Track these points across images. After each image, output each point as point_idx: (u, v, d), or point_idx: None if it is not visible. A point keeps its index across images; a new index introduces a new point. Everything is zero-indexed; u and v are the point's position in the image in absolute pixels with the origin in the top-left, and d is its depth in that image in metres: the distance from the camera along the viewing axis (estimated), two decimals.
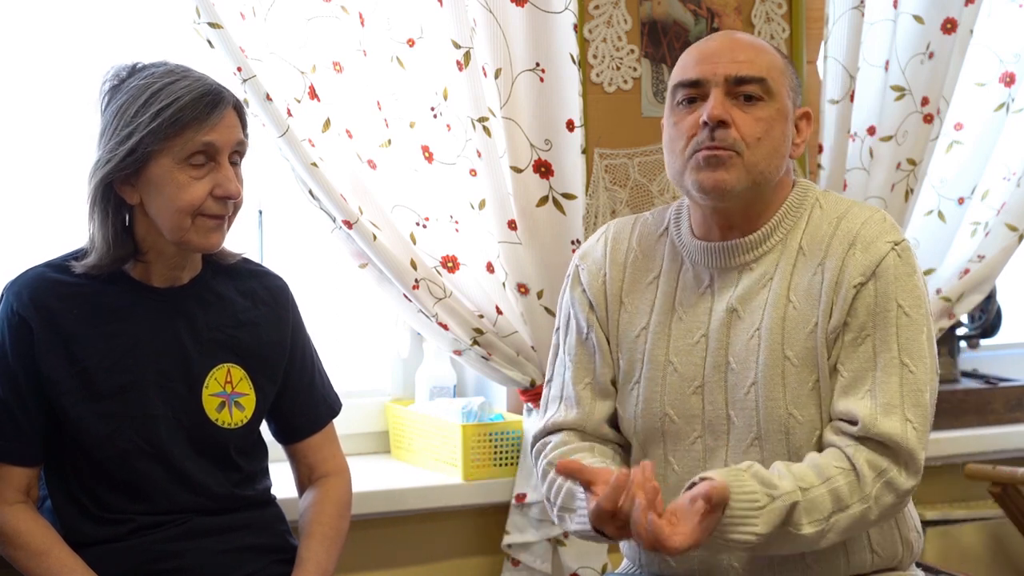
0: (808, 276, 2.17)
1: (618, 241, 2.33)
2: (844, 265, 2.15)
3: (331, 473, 2.48)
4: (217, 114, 2.21)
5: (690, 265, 2.25)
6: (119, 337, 2.27)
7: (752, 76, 2.16)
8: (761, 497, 2.01)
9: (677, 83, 2.20)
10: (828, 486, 2.06)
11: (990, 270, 3.41)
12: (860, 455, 2.08)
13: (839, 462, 2.08)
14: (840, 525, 2.06)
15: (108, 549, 2.26)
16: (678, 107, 2.20)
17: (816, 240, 2.19)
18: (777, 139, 2.17)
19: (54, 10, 2.78)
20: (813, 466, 2.08)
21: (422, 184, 2.81)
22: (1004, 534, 3.46)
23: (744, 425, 2.18)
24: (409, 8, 2.76)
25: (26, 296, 2.24)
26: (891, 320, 2.12)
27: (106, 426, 2.25)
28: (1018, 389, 3.57)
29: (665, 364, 2.24)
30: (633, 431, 2.28)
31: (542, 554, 2.91)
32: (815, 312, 2.15)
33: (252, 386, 2.36)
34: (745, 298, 2.20)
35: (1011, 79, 3.40)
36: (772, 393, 2.15)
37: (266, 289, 2.42)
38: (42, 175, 2.80)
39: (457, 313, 2.81)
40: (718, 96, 2.15)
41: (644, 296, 2.28)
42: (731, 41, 2.21)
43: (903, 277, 2.14)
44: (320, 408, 2.48)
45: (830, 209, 2.22)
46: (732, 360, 2.19)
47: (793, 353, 2.15)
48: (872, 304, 2.13)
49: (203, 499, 2.30)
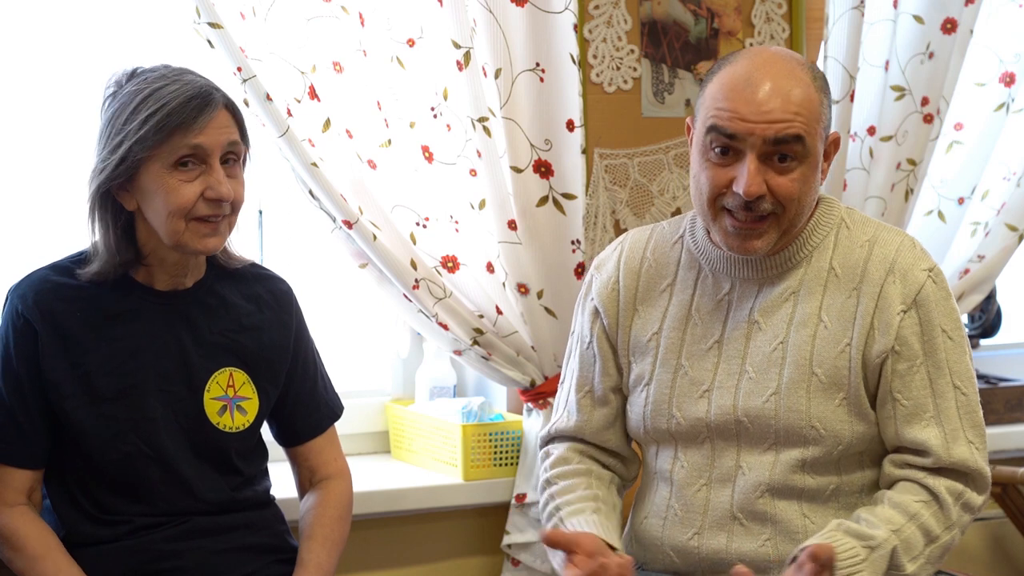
0: (842, 299, 2.21)
1: (633, 251, 2.36)
2: (884, 292, 2.19)
3: (332, 476, 2.48)
4: (205, 116, 2.19)
5: (709, 272, 2.28)
6: (121, 341, 2.26)
7: (790, 136, 2.12)
8: (861, 551, 2.08)
9: (713, 126, 2.15)
10: (916, 522, 2.14)
11: (990, 270, 3.41)
12: (940, 484, 2.16)
13: (918, 495, 2.16)
14: (935, 555, 2.15)
15: (107, 549, 2.26)
16: (710, 151, 2.16)
17: (850, 264, 2.22)
18: (811, 191, 2.19)
19: (54, 11, 2.77)
20: (895, 506, 2.15)
21: (422, 184, 2.81)
22: (1004, 534, 3.46)
23: (759, 432, 2.22)
24: (409, 8, 2.75)
25: (30, 299, 2.24)
26: (939, 347, 2.19)
27: (107, 429, 2.24)
28: (1018, 389, 3.57)
29: (677, 367, 2.28)
30: (642, 432, 2.32)
31: (542, 554, 2.91)
32: (848, 334, 2.19)
33: (255, 390, 2.36)
34: (767, 310, 2.23)
35: (1011, 79, 3.40)
36: (795, 405, 2.19)
37: (270, 293, 2.42)
38: (45, 177, 2.80)
39: (457, 313, 2.81)
40: (753, 165, 2.12)
41: (657, 303, 2.31)
42: (772, 87, 2.13)
43: (942, 302, 2.20)
44: (322, 412, 2.48)
45: (858, 231, 2.25)
46: (750, 369, 2.23)
47: (822, 371, 2.20)
48: (919, 332, 2.18)
49: (202, 503, 2.30)
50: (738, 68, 2.17)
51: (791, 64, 2.18)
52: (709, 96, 2.18)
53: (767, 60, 2.17)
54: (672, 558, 2.28)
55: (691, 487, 2.26)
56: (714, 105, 2.15)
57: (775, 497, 2.21)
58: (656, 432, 2.30)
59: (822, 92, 2.18)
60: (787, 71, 2.16)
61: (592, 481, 2.34)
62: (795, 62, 2.19)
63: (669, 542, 2.28)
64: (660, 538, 2.29)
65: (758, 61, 2.17)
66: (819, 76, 2.20)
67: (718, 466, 2.24)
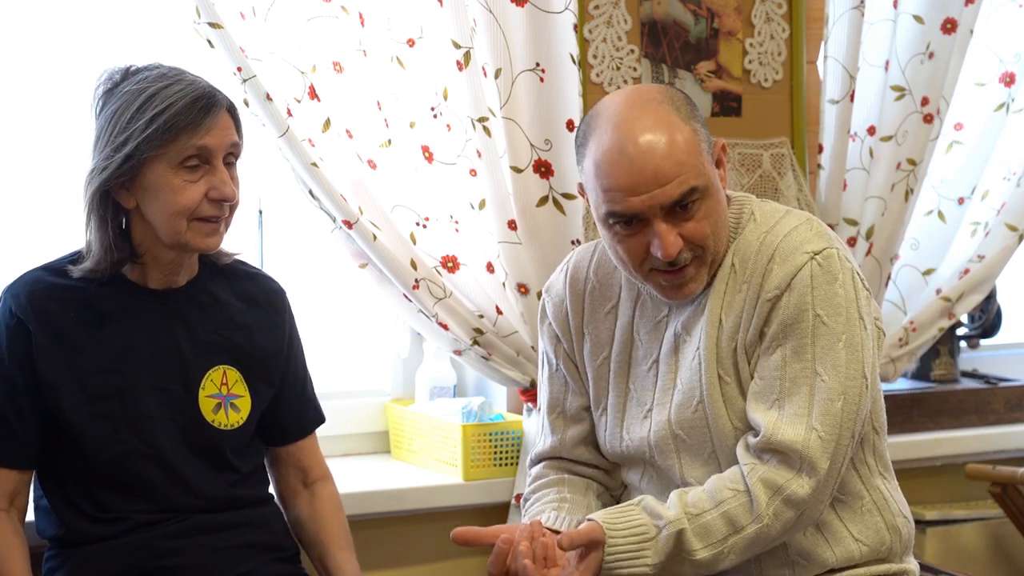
0: (735, 293, 2.18)
1: (577, 271, 2.34)
2: (763, 280, 2.15)
3: (324, 478, 2.51)
4: (211, 118, 2.20)
5: (647, 296, 2.26)
6: (115, 340, 2.27)
7: (685, 191, 2.08)
8: (650, 528, 2.07)
9: (609, 212, 2.10)
10: (719, 510, 2.09)
11: (990, 270, 3.41)
12: (755, 474, 2.10)
13: (734, 484, 2.11)
14: (739, 546, 2.09)
15: (107, 547, 2.26)
16: (614, 227, 2.12)
17: (745, 257, 2.18)
18: (721, 216, 2.15)
19: (54, 11, 2.77)
20: (707, 491, 2.12)
21: (422, 184, 2.81)
22: (1004, 534, 3.46)
23: (697, 443, 2.20)
24: (409, 8, 2.75)
25: (24, 299, 2.24)
26: (806, 330, 2.12)
27: (102, 428, 2.25)
28: (1018, 389, 3.57)
29: (626, 391, 2.28)
30: (607, 454, 2.34)
31: None
32: (738, 328, 2.17)
33: (247, 388, 2.37)
34: (688, 322, 2.22)
35: (1011, 79, 3.40)
36: (716, 411, 2.18)
37: (262, 292, 2.43)
38: (39, 177, 2.79)
39: (457, 313, 2.81)
40: (662, 227, 2.08)
41: (603, 325, 2.31)
42: (648, 154, 2.06)
43: (821, 286, 2.12)
44: (310, 413, 2.51)
45: (763, 222, 2.20)
46: (680, 382, 2.21)
47: (724, 371, 2.18)
48: (786, 316, 2.13)
49: (202, 500, 2.31)
50: (605, 140, 2.10)
51: (651, 110, 2.10)
52: (590, 175, 2.12)
53: (627, 119, 2.09)
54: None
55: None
56: (600, 188, 2.10)
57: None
58: (615, 455, 2.32)
59: (691, 119, 2.12)
60: (652, 122, 2.09)
61: (563, 488, 2.34)
62: (653, 103, 2.11)
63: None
64: None
65: (621, 124, 2.09)
66: (680, 102, 2.13)
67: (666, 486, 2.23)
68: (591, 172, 2.12)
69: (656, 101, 2.12)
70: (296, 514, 2.48)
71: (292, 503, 2.49)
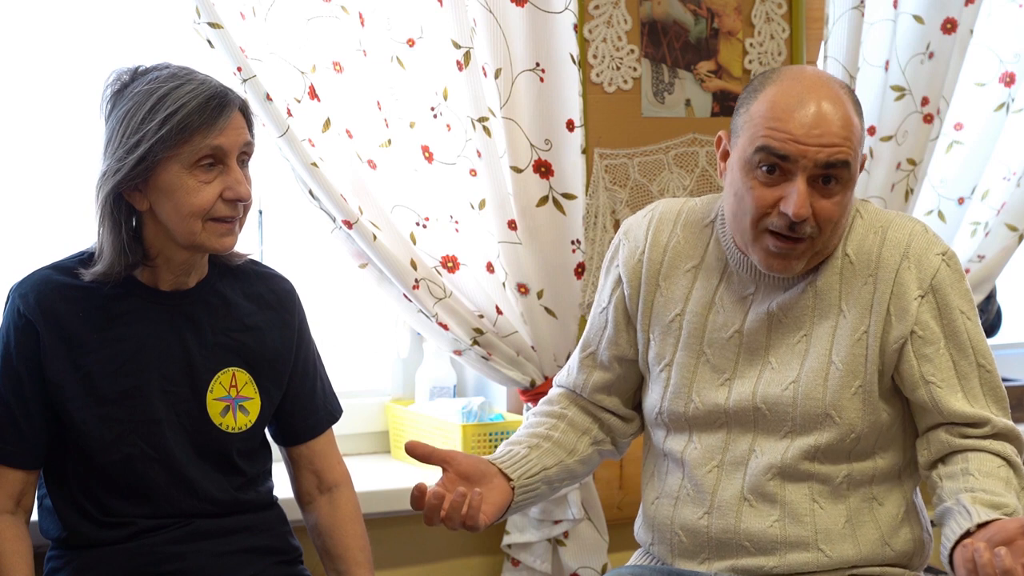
0: (859, 286, 2.23)
1: (663, 223, 2.35)
2: (899, 278, 2.21)
3: (341, 483, 2.47)
4: (224, 118, 2.19)
5: (734, 270, 2.28)
6: (124, 341, 2.25)
7: (840, 161, 2.14)
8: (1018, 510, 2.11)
9: (764, 146, 2.14)
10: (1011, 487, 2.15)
11: (990, 270, 3.42)
12: (1007, 449, 2.19)
13: (995, 461, 2.18)
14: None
15: (110, 551, 2.26)
16: (757, 169, 2.16)
17: (863, 251, 2.23)
18: (847, 216, 2.21)
19: (54, 11, 2.77)
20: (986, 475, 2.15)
21: (422, 184, 2.81)
22: None
23: (776, 419, 2.24)
24: (409, 8, 2.75)
25: (32, 299, 2.23)
26: (960, 328, 2.22)
27: (110, 431, 2.24)
28: (1018, 389, 3.57)
29: (699, 353, 2.29)
30: (655, 414, 2.33)
31: (542, 554, 2.91)
32: (865, 321, 2.21)
33: (257, 390, 2.35)
34: (788, 304, 2.24)
35: (1011, 79, 3.40)
36: (812, 392, 2.21)
37: (272, 292, 2.41)
38: (46, 176, 2.79)
39: (457, 313, 2.81)
40: (803, 187, 2.13)
41: (680, 282, 2.32)
42: (823, 114, 2.14)
43: (956, 284, 2.23)
44: (320, 414, 2.46)
45: (871, 219, 2.26)
46: (773, 360, 2.25)
47: (839, 359, 2.21)
48: (938, 316, 2.21)
49: (206, 504, 2.30)
50: (786, 88, 2.16)
51: (835, 87, 2.18)
52: (757, 114, 2.16)
53: (813, 82, 2.17)
54: (680, 538, 2.28)
55: (702, 468, 2.27)
56: (765, 124, 2.15)
57: (785, 480, 2.23)
58: (672, 415, 2.30)
59: (859, 116, 2.20)
60: (833, 95, 2.16)
61: (559, 423, 2.37)
62: (837, 85, 2.19)
63: (679, 521, 2.28)
64: (670, 518, 2.30)
65: (805, 83, 2.17)
66: (856, 100, 2.21)
67: (731, 450, 2.26)
68: (761, 110, 2.16)
69: (839, 84, 2.21)
70: (313, 521, 2.46)
71: (309, 508, 2.47)
